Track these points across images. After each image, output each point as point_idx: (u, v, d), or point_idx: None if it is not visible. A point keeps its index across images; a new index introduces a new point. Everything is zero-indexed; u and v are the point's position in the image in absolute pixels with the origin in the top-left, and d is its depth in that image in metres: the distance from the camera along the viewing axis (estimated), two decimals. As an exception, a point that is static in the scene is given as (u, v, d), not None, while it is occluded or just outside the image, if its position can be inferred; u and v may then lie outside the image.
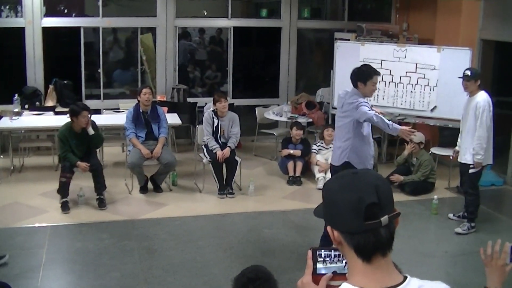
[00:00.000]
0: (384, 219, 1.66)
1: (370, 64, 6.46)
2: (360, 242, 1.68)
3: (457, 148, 7.50)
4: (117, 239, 6.87)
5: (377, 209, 1.65)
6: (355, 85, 6.00)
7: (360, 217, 1.65)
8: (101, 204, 7.80)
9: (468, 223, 7.22)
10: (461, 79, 7.08)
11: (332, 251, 1.84)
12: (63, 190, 7.65)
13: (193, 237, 7.02)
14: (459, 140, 7.46)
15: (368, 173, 1.77)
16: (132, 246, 6.68)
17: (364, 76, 5.97)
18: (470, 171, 7.07)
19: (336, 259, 1.84)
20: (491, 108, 7.00)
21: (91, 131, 7.71)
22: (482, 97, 6.98)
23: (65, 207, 7.62)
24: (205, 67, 13.02)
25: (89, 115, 7.71)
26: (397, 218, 1.71)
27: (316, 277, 1.83)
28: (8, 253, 6.19)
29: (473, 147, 6.98)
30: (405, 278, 1.72)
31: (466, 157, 7.12)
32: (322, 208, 1.79)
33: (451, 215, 7.69)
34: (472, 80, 6.96)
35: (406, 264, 5.51)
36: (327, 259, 1.84)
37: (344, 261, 1.82)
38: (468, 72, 7.02)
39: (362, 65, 6.26)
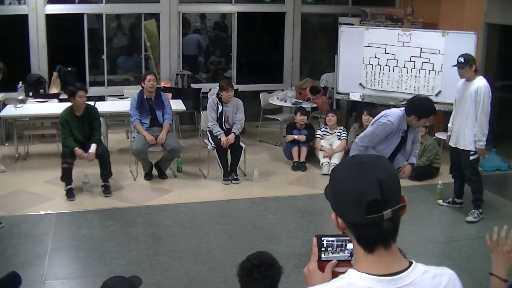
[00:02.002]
0: (387, 213, 1.62)
1: (429, 98, 6.23)
2: (362, 234, 1.67)
3: (449, 132, 7.37)
4: (122, 226, 6.89)
5: (379, 205, 1.61)
6: (408, 114, 5.80)
7: (362, 210, 1.62)
8: (106, 191, 7.81)
9: (476, 209, 7.12)
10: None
11: (335, 240, 1.82)
12: (66, 176, 7.66)
13: (198, 223, 7.03)
14: (450, 124, 7.34)
15: (375, 164, 1.70)
16: (137, 233, 6.70)
17: (422, 113, 5.76)
18: (471, 157, 6.96)
19: (338, 249, 1.82)
20: (490, 94, 6.83)
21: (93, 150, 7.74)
22: (482, 82, 6.82)
23: (70, 194, 7.63)
24: (209, 52, 12.98)
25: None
26: (403, 209, 1.68)
27: (322, 263, 1.82)
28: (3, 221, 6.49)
29: (474, 134, 6.85)
30: (411, 263, 1.71)
31: (465, 144, 6.97)
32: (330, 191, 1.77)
33: (440, 201, 7.66)
34: (467, 66, 6.80)
35: (411, 249, 5.55)
36: (329, 248, 1.82)
37: (347, 251, 1.81)
38: (462, 59, 6.83)
39: (424, 100, 5.92)
